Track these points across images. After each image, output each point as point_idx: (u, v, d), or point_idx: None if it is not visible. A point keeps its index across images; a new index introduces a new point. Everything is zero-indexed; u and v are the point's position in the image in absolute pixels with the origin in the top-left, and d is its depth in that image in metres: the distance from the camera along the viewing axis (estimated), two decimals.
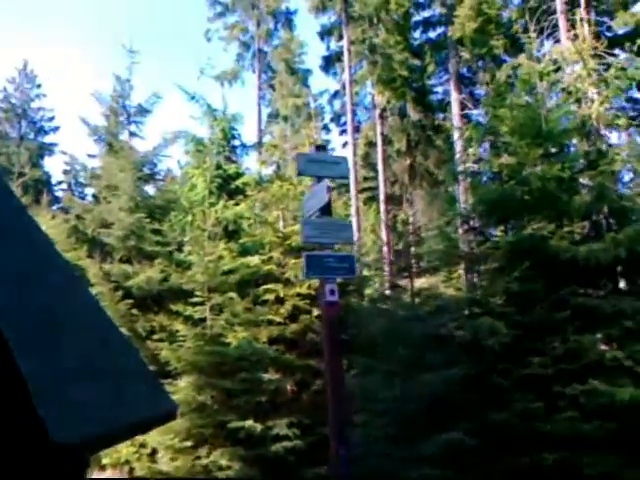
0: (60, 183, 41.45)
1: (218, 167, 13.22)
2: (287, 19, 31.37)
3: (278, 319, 10.44)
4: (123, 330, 10.56)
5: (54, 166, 68.18)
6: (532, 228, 8.85)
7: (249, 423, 9.02)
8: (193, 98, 14.95)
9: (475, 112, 19.14)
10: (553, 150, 10.17)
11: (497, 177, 10.50)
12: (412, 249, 10.48)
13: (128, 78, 12.96)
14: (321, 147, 6.73)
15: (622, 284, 9.35)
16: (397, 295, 9.86)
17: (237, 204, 12.67)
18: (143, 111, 13.12)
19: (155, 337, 10.68)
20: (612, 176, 9.65)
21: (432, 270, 10.63)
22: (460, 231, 10.91)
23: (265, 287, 10.90)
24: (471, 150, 11.15)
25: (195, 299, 10.43)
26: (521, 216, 9.65)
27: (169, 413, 4.65)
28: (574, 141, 10.69)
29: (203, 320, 10.36)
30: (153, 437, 9.56)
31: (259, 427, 9.01)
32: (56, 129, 45.88)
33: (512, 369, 7.98)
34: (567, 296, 8.41)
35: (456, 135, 19.74)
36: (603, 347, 8.10)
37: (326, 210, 6.01)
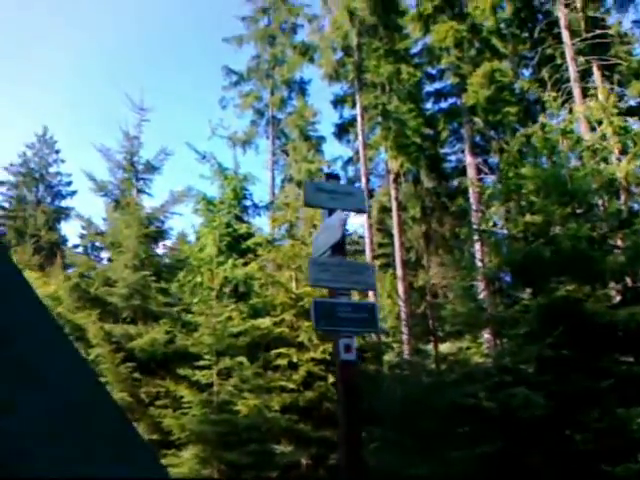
0: (77, 247, 41.45)
1: (228, 226, 12.79)
2: (301, 88, 31.84)
3: (291, 386, 9.74)
4: (124, 395, 9.87)
5: (71, 230, 68.44)
6: (565, 290, 8.27)
7: None
8: (204, 157, 14.72)
9: (491, 177, 18.84)
10: (581, 209, 9.72)
11: (522, 237, 9.98)
12: (434, 312, 9.85)
13: (137, 135, 12.72)
14: (333, 176, 5.60)
15: None
16: (420, 361, 9.15)
17: (247, 263, 12.18)
18: (151, 168, 12.82)
19: (158, 403, 9.95)
20: None
21: (456, 334, 9.96)
22: (483, 293, 10.32)
23: (277, 351, 10.26)
24: (493, 209, 10.68)
25: (201, 362, 9.76)
26: (550, 277, 9.07)
27: None
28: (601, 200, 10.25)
29: (210, 386, 9.66)
30: None
31: None
32: (73, 193, 46.31)
33: (550, 445, 7.20)
34: (607, 364, 7.73)
35: (472, 194, 19.43)
36: None
37: (340, 248, 5.04)
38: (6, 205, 47.63)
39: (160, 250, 13.16)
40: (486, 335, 10.08)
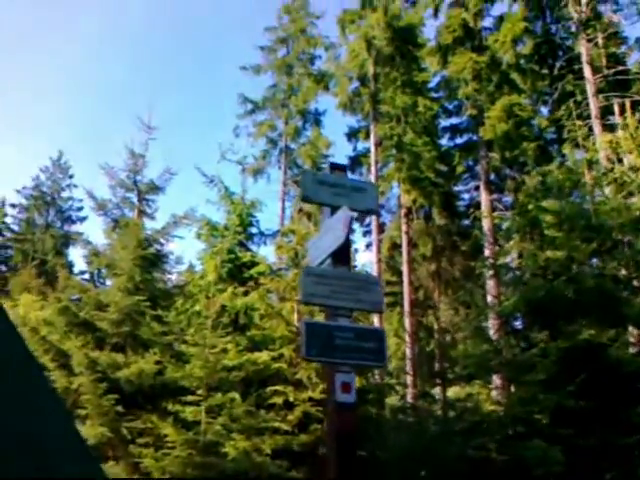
0: (83, 273, 41.15)
1: (230, 252, 12.14)
2: (316, 119, 31.55)
3: (285, 427, 8.96)
4: (104, 430, 9.12)
5: (79, 255, 68.22)
6: (588, 334, 7.51)
7: None
8: (212, 181, 14.17)
9: (507, 214, 18.15)
10: (606, 246, 9.01)
11: (542, 274, 9.25)
12: (443, 353, 9.07)
13: (143, 153, 12.23)
14: (339, 167, 4.57)
15: None
16: (426, 406, 8.35)
17: (247, 293, 11.48)
18: (155, 188, 12.29)
19: (140, 441, 9.18)
20: None
21: (466, 378, 9.15)
22: (496, 334, 9.55)
23: (273, 388, 9.51)
24: (510, 244, 9.98)
25: (190, 398, 9.01)
26: (571, 319, 8.32)
27: None
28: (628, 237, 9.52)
29: (197, 424, 8.89)
30: None
31: None
32: (84, 219, 46.00)
33: None
34: (633, 417, 6.93)
35: (486, 228, 18.70)
36: None
37: (343, 256, 4.08)
38: (15, 228, 47.66)
39: (158, 274, 12.55)
40: (498, 380, 9.25)
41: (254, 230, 15.14)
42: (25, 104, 72.18)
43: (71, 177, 47.76)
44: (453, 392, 9.34)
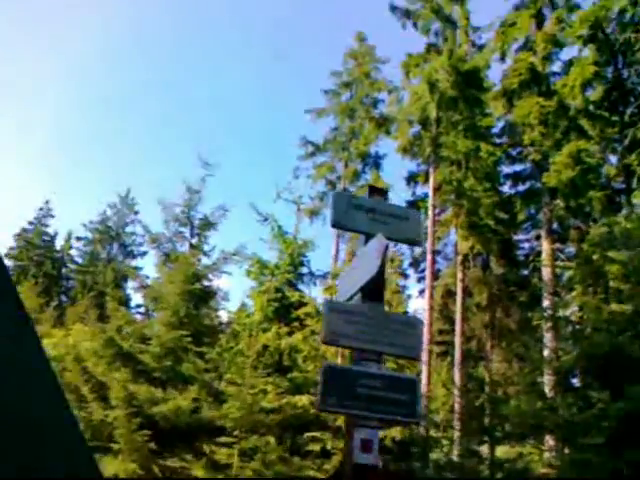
0: (139, 306, 42.03)
1: (278, 291, 11.89)
2: (375, 162, 31.43)
3: (320, 476, 8.47)
4: (135, 467, 8.85)
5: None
6: None
7: None
8: (266, 220, 14.07)
9: (570, 263, 17.27)
10: None
11: (605, 328, 8.53)
12: (493, 408, 8.42)
13: (198, 190, 12.27)
14: (377, 190, 4.08)
15: None
16: (472, 465, 7.70)
17: (292, 333, 11.16)
18: (208, 224, 12.26)
19: None
20: None
21: (516, 437, 8.43)
22: (552, 392, 8.83)
23: (310, 434, 9.08)
24: (572, 294, 9.31)
25: (224, 439, 8.67)
26: (637, 379, 7.57)
27: None
28: None
29: (228, 466, 8.51)
30: None
31: None
32: (144, 254, 47.14)
33: None
34: None
35: (546, 276, 17.81)
36: None
37: (375, 290, 3.58)
38: (79, 260, 49.28)
39: (204, 310, 12.38)
40: (551, 441, 8.49)
41: (304, 270, 14.92)
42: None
43: (136, 213, 49.34)
44: (502, 451, 8.64)
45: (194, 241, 12.63)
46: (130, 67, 75.00)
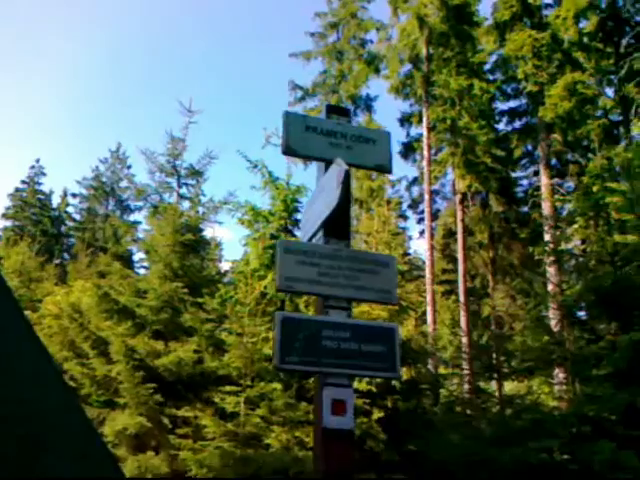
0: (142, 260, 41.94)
1: (273, 237, 11.67)
2: (367, 104, 30.83)
3: None
4: (142, 420, 8.82)
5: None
6: None
7: None
8: (256, 167, 13.68)
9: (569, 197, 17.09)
10: None
11: (610, 260, 8.38)
12: (499, 345, 8.35)
13: (182, 137, 11.89)
14: (339, 110, 3.53)
15: None
16: (480, 403, 7.66)
17: None
18: (195, 172, 11.93)
19: (180, 431, 8.85)
20: None
21: (524, 372, 8.40)
22: (558, 325, 8.75)
23: None
24: (574, 227, 9.13)
25: (228, 388, 8.60)
26: None
27: None
28: None
29: (237, 415, 8.47)
30: None
31: None
32: (140, 208, 46.58)
33: None
34: None
35: (546, 210, 17.69)
36: None
37: (338, 227, 3.12)
38: (77, 217, 49.01)
39: (198, 261, 12.17)
40: (560, 375, 8.46)
41: (299, 216, 14.64)
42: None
43: (129, 167, 48.49)
44: (512, 387, 8.64)
45: (182, 191, 12.35)
46: (113, 18, 72.77)
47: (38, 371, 2.76)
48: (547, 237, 12.62)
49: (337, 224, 3.13)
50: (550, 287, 9.76)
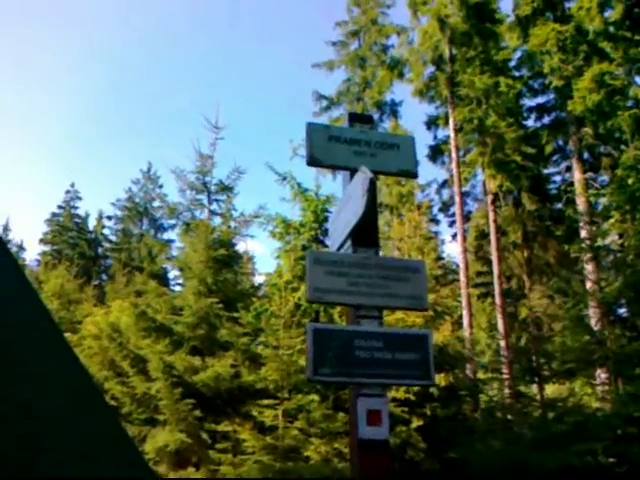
0: (177, 277, 42.34)
1: (304, 249, 11.69)
2: (392, 110, 30.70)
3: None
4: (182, 437, 8.88)
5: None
6: None
7: None
8: (284, 179, 13.77)
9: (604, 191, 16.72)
10: None
11: None
12: (539, 347, 8.18)
13: (211, 154, 12.01)
14: (361, 117, 3.61)
15: None
16: (521, 408, 7.51)
17: None
18: (224, 188, 12.03)
19: (219, 446, 8.89)
20: None
21: (566, 374, 8.20)
22: (598, 324, 8.53)
23: None
24: (610, 222, 8.92)
25: (265, 402, 8.62)
26: None
27: None
28: None
29: (275, 428, 8.48)
30: None
31: None
32: (174, 226, 47.27)
33: None
34: None
35: (581, 206, 17.33)
36: None
37: (365, 235, 3.11)
38: (113, 238, 49.97)
39: (232, 276, 12.25)
40: (603, 375, 8.23)
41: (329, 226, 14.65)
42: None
43: (161, 187, 49.21)
44: (553, 389, 8.45)
45: (212, 207, 12.46)
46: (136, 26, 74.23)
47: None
48: (583, 233, 12.36)
49: (365, 232, 3.13)
50: (588, 285, 9.53)
